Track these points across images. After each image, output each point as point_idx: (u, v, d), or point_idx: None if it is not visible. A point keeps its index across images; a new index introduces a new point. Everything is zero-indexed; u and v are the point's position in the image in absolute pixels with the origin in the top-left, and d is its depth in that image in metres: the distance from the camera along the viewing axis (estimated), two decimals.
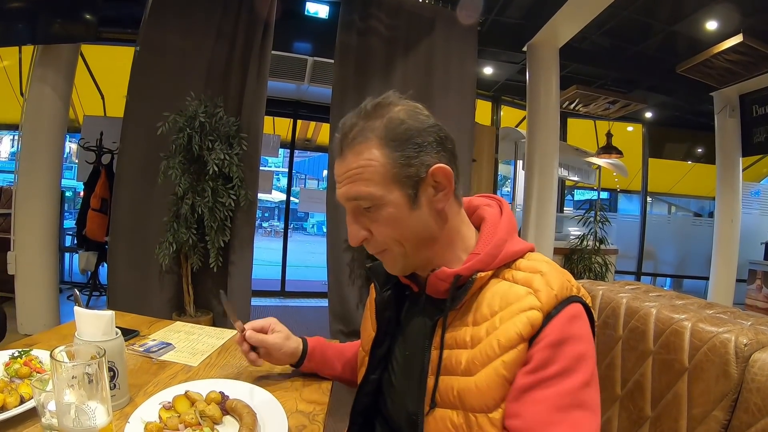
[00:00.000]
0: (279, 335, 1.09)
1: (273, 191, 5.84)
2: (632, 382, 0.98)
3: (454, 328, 0.78)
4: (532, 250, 0.83)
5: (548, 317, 0.70)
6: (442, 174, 0.77)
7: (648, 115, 6.58)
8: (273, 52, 3.85)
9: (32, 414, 0.83)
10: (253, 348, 1.07)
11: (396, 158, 0.76)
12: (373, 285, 0.95)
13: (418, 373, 0.81)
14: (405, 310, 0.92)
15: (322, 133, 7.41)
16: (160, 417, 0.84)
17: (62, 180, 3.94)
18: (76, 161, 6.04)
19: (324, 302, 4.24)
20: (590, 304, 0.77)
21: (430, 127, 0.78)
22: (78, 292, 0.99)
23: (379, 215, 0.78)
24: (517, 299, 0.73)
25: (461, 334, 0.76)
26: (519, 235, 0.88)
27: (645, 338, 0.96)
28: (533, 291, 0.72)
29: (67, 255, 5.84)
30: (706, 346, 0.83)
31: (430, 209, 0.79)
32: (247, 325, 1.07)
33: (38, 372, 0.97)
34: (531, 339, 0.70)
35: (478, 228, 0.87)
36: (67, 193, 7.75)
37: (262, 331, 1.08)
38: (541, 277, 0.74)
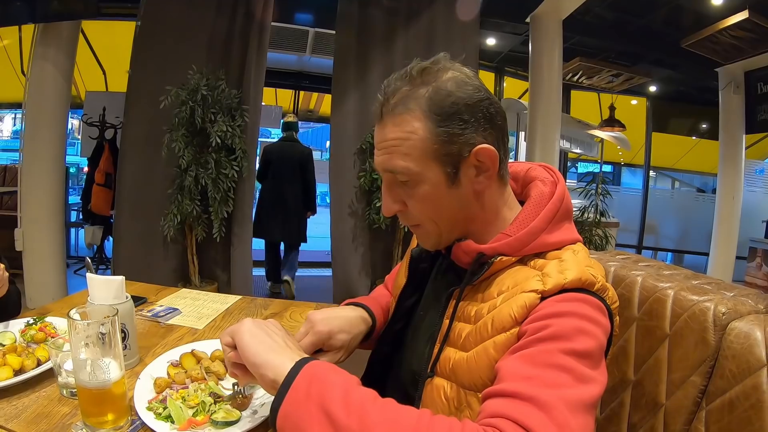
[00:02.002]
0: (338, 354, 0.87)
1: None
2: (617, 347, 1.00)
3: (465, 302, 0.76)
4: (574, 242, 0.76)
5: (545, 299, 0.65)
6: (486, 155, 0.72)
7: (652, 88, 6.49)
8: (274, 23, 3.84)
9: (49, 375, 0.89)
10: None
11: (439, 134, 0.70)
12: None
13: (427, 337, 0.80)
14: (435, 269, 0.89)
15: (325, 103, 7.39)
16: (168, 373, 0.90)
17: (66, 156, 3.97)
18: (79, 137, 6.06)
19: (328, 272, 4.31)
20: (615, 312, 0.72)
21: (479, 102, 0.71)
22: (89, 260, 1.04)
23: (415, 191, 0.74)
24: (524, 280, 0.69)
25: (469, 309, 0.74)
26: None
27: (630, 305, 0.98)
28: (542, 275, 0.68)
29: (72, 230, 5.91)
30: (686, 314, 0.85)
31: (469, 190, 0.74)
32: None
33: (52, 337, 1.03)
34: (524, 321, 0.65)
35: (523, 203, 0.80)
36: (71, 169, 7.77)
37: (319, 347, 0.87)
38: (558, 263, 0.69)
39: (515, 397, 0.56)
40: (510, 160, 0.82)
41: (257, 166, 4.01)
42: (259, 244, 4.14)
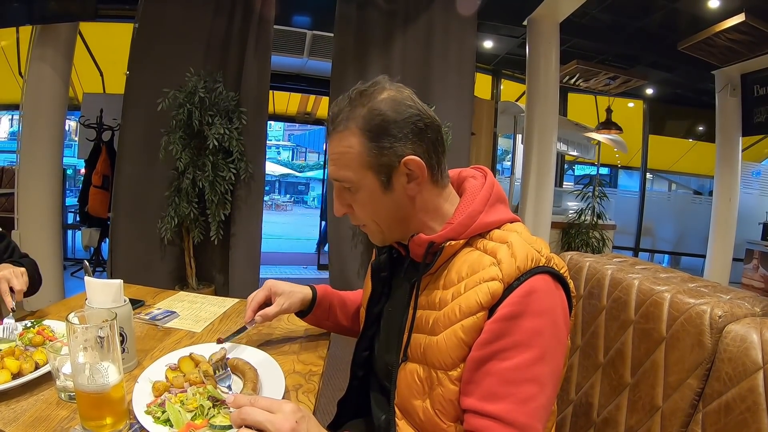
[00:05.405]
0: (280, 300, 1.12)
1: (273, 165, 6.02)
2: (614, 350, 1.01)
3: (429, 291, 0.85)
4: (512, 221, 0.87)
5: (509, 289, 0.74)
6: (414, 164, 0.82)
7: (649, 91, 6.50)
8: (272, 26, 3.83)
9: (47, 378, 0.89)
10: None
11: (371, 147, 0.81)
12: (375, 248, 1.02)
13: (397, 328, 0.89)
14: (396, 272, 0.99)
15: (322, 106, 7.40)
16: (166, 377, 0.90)
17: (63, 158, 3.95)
18: (76, 139, 6.05)
19: (325, 274, 4.32)
20: (566, 274, 0.80)
21: (408, 118, 0.82)
22: (88, 263, 1.04)
23: (356, 196, 0.86)
24: (481, 268, 0.77)
25: (433, 297, 0.83)
26: (516, 209, 0.91)
27: (627, 308, 0.99)
28: (496, 262, 0.76)
29: (69, 232, 5.89)
30: (682, 317, 0.86)
31: (402, 194, 0.85)
32: (251, 305, 1.11)
33: (50, 340, 1.03)
34: (491, 308, 0.74)
35: None
36: (68, 171, 7.75)
37: (266, 303, 1.13)
38: (507, 248, 0.78)
39: (499, 420, 0.71)
40: (508, 162, 0.87)
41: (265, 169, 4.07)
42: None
